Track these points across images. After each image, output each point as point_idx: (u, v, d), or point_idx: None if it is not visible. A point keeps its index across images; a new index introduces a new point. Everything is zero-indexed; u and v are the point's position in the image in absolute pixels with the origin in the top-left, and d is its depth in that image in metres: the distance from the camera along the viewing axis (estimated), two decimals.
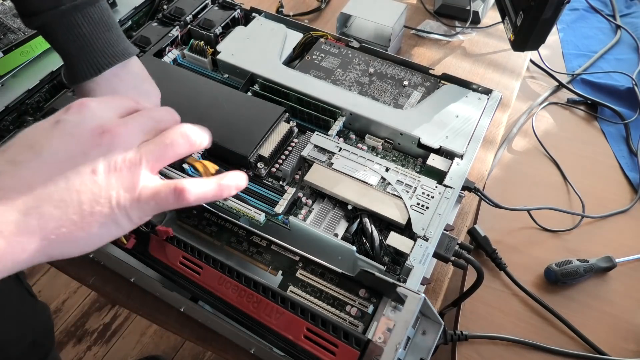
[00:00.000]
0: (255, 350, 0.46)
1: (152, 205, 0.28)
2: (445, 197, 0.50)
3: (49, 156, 0.25)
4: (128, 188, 0.27)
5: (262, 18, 0.72)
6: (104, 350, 1.23)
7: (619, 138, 0.80)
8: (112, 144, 0.27)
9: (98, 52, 0.44)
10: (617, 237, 0.68)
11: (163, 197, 0.28)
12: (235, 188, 0.32)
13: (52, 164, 0.25)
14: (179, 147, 0.29)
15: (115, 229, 0.28)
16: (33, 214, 0.24)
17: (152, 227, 0.47)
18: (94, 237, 0.27)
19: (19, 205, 0.24)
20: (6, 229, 0.23)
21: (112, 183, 0.26)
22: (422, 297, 0.39)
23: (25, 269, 0.26)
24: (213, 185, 0.31)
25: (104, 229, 0.27)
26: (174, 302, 0.49)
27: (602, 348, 0.58)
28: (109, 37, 0.44)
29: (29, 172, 0.25)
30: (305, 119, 0.60)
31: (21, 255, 0.24)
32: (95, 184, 0.26)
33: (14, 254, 0.24)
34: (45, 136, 0.26)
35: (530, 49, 0.66)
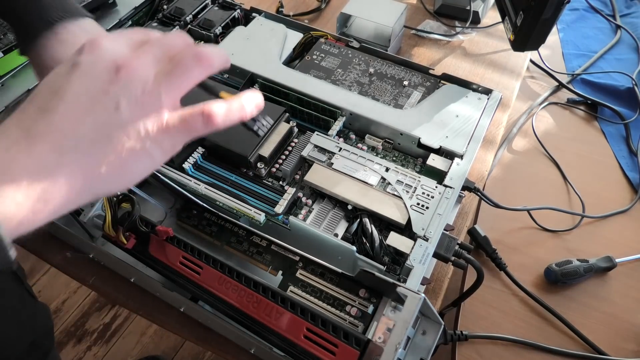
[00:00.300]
0: (255, 350, 0.46)
1: (181, 132, 0.29)
2: (445, 197, 0.50)
3: (73, 100, 0.26)
4: (154, 119, 0.27)
5: (262, 18, 0.72)
6: (104, 350, 1.23)
7: (619, 138, 0.80)
8: (129, 79, 0.27)
9: (50, 6, 0.41)
10: (617, 237, 0.68)
11: (191, 122, 0.29)
12: (256, 106, 0.32)
13: (78, 106, 0.26)
14: (194, 70, 0.29)
15: (150, 161, 0.28)
16: (71, 155, 0.25)
17: (152, 227, 0.47)
18: (131, 172, 0.28)
19: (56, 149, 0.25)
20: (49, 171, 0.25)
21: (138, 117, 0.27)
22: (422, 297, 0.39)
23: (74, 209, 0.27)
24: (237, 105, 0.31)
25: (140, 163, 0.28)
26: (174, 302, 0.50)
27: (602, 348, 0.58)
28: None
29: (58, 117, 0.26)
30: (305, 119, 0.61)
31: (68, 195, 0.26)
32: (122, 120, 0.26)
33: (61, 194, 0.25)
34: (66, 80, 0.27)
35: (530, 49, 0.66)
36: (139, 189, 0.54)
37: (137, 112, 0.27)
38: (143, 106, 0.27)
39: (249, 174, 0.56)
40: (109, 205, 0.46)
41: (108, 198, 0.46)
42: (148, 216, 0.50)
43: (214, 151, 0.56)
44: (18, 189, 0.24)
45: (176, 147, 0.29)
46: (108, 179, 0.27)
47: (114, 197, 0.47)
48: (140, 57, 0.28)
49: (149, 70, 0.28)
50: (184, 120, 0.28)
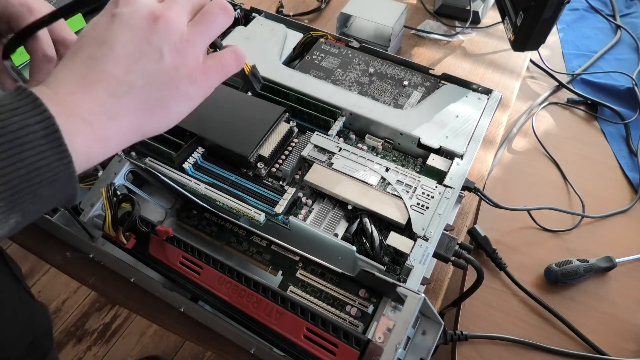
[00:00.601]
0: (255, 350, 0.46)
1: (218, 72, 0.33)
2: (445, 197, 0.50)
3: (121, 49, 0.29)
4: (193, 63, 0.31)
5: (262, 18, 0.72)
6: (104, 350, 1.23)
7: (619, 138, 0.80)
8: (167, 29, 0.30)
9: None
10: (617, 237, 0.68)
11: (225, 62, 0.33)
12: None
13: (126, 55, 0.29)
14: (220, 19, 0.33)
15: (190, 103, 0.32)
16: (125, 99, 0.29)
17: (152, 227, 0.47)
18: (174, 113, 0.31)
19: (112, 94, 0.28)
20: (110, 114, 0.28)
21: (179, 62, 0.30)
22: (422, 297, 0.39)
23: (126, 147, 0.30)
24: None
25: (182, 105, 0.31)
26: (174, 302, 0.50)
27: (602, 348, 0.58)
28: None
29: (111, 66, 0.28)
30: (305, 119, 0.61)
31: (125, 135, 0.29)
32: (165, 66, 0.30)
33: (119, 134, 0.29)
34: (111, 31, 0.29)
35: (530, 49, 0.66)
36: (139, 189, 0.54)
37: (177, 58, 0.30)
38: (182, 52, 0.30)
39: (249, 174, 0.56)
40: (109, 205, 0.46)
41: (108, 198, 0.46)
42: (148, 216, 0.50)
43: (214, 151, 0.56)
44: (86, 129, 0.27)
45: (212, 87, 0.33)
46: (155, 120, 0.30)
47: (114, 197, 0.47)
48: (173, 8, 0.30)
49: (183, 20, 0.31)
50: (220, 61, 0.33)
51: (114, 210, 0.46)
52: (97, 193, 0.50)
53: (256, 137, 0.55)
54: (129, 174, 0.52)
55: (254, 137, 0.55)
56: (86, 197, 0.51)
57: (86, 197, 0.51)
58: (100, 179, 0.51)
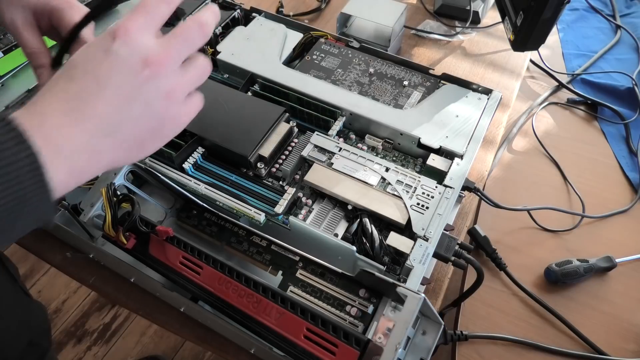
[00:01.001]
0: (255, 350, 0.46)
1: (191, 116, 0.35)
2: (445, 197, 0.50)
3: (112, 90, 0.30)
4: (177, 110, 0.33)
5: (262, 18, 0.72)
6: (104, 350, 1.23)
7: (619, 138, 0.80)
8: (160, 78, 0.31)
9: None
10: (617, 237, 0.68)
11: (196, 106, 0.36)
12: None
13: (117, 97, 0.30)
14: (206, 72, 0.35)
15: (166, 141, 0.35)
16: (109, 139, 0.30)
17: (152, 227, 0.47)
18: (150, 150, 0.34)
19: (99, 132, 0.29)
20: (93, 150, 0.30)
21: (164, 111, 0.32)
22: (422, 297, 0.39)
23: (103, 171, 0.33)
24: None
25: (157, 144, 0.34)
26: (174, 302, 0.50)
27: (602, 348, 0.58)
28: None
29: (101, 105, 0.29)
30: (305, 119, 0.61)
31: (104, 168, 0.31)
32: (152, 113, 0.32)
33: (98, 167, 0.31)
34: (105, 69, 0.30)
35: (530, 49, 0.66)
36: (139, 189, 0.54)
37: (164, 106, 0.32)
38: (169, 100, 0.32)
39: (249, 174, 0.56)
40: (109, 205, 0.46)
41: (108, 198, 0.46)
42: (148, 216, 0.50)
43: (214, 151, 0.56)
44: (67, 165, 0.28)
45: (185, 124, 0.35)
46: (132, 156, 0.33)
47: (114, 197, 0.47)
48: (168, 54, 0.31)
49: (175, 65, 0.32)
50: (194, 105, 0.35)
51: (114, 210, 0.46)
52: (97, 193, 0.50)
53: (256, 137, 0.55)
54: (129, 173, 0.52)
55: (254, 137, 0.55)
56: (86, 197, 0.51)
57: (86, 197, 0.51)
58: (101, 179, 0.51)
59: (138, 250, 0.48)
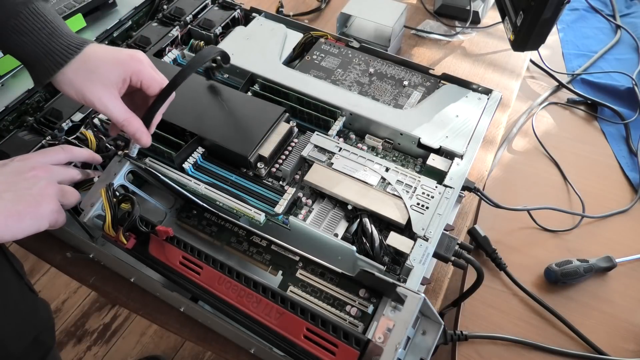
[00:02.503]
0: (255, 350, 0.46)
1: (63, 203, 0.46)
2: (445, 197, 0.50)
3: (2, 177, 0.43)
4: (52, 209, 0.44)
5: (262, 18, 0.72)
6: (104, 350, 1.23)
7: (619, 138, 0.80)
8: (35, 177, 0.44)
9: (68, 35, 0.45)
10: (617, 237, 0.68)
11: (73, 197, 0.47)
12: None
13: (3, 184, 0.42)
14: (72, 180, 0.49)
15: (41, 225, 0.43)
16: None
17: (152, 227, 0.47)
18: (19, 234, 0.42)
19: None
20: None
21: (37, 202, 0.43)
22: (422, 297, 0.39)
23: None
24: None
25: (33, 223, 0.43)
26: (174, 302, 0.50)
27: (602, 348, 0.58)
28: (69, 29, 0.47)
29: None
30: (305, 119, 0.60)
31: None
32: (30, 198, 0.43)
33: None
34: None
35: (530, 49, 0.66)
36: (139, 189, 0.54)
37: (32, 201, 0.42)
38: (39, 198, 0.43)
39: (249, 174, 0.56)
40: (109, 206, 0.46)
41: (108, 198, 0.46)
42: (148, 216, 0.50)
43: (214, 151, 0.56)
44: None
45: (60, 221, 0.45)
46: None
47: (113, 198, 0.47)
48: (47, 173, 0.45)
49: (50, 179, 0.45)
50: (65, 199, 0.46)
51: (114, 210, 0.46)
52: (96, 193, 0.50)
53: (256, 137, 0.55)
54: (129, 174, 0.52)
55: (254, 137, 0.55)
56: (86, 197, 0.51)
57: (86, 197, 0.51)
58: (100, 179, 0.51)
59: (138, 250, 0.48)
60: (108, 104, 0.46)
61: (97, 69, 0.45)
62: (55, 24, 0.45)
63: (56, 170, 0.46)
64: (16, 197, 0.42)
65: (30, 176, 0.43)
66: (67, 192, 0.46)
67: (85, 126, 0.60)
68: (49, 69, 0.45)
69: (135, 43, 0.69)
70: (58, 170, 0.46)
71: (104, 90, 0.45)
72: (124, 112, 0.46)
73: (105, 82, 0.45)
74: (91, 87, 0.45)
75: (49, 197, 0.44)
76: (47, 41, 0.44)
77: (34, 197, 0.43)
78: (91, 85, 0.45)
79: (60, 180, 0.47)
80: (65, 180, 0.48)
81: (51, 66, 0.44)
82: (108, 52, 0.46)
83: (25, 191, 0.42)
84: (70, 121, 0.60)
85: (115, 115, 0.46)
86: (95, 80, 0.45)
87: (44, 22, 0.44)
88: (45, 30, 0.44)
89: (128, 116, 0.47)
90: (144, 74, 0.47)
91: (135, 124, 0.47)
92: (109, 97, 0.46)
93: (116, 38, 0.72)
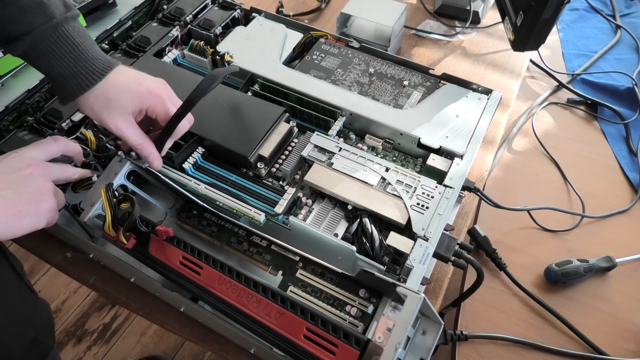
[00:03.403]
0: (255, 350, 0.46)
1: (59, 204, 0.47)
2: (445, 197, 0.50)
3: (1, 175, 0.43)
4: (50, 207, 0.44)
5: (262, 18, 0.72)
6: (104, 350, 1.23)
7: (619, 138, 0.80)
8: (32, 175, 0.44)
9: (94, 59, 0.47)
10: (617, 237, 0.68)
11: (61, 201, 0.47)
12: None
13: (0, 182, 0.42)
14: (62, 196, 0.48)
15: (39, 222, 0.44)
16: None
17: (152, 227, 0.47)
18: (18, 231, 0.42)
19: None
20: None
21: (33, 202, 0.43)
22: (422, 297, 0.39)
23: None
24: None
25: (33, 221, 0.43)
26: (174, 302, 0.49)
27: (602, 348, 0.58)
28: (97, 48, 0.49)
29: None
30: (305, 119, 0.60)
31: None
32: (29, 196, 0.43)
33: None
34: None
35: (530, 49, 0.66)
36: (139, 189, 0.54)
37: (31, 199, 0.43)
38: (38, 196, 0.43)
39: (249, 174, 0.56)
40: (109, 206, 0.46)
41: (108, 198, 0.46)
42: (148, 216, 0.50)
43: (214, 151, 0.56)
44: None
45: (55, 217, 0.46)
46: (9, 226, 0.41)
47: (113, 198, 0.47)
48: (44, 170, 0.45)
49: (46, 176, 0.45)
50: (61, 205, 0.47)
51: (114, 210, 0.46)
52: (96, 193, 0.50)
53: (256, 137, 0.55)
54: (129, 174, 0.52)
55: (254, 137, 0.55)
56: (86, 197, 0.51)
57: (86, 197, 0.51)
58: (100, 179, 0.51)
59: (138, 250, 0.48)
60: (124, 130, 0.48)
61: (117, 99, 0.47)
62: (83, 47, 0.46)
63: (52, 168, 0.47)
64: (15, 195, 0.42)
65: (27, 174, 0.44)
66: (58, 191, 0.47)
67: (85, 126, 0.60)
68: (72, 92, 0.47)
69: (135, 43, 0.69)
70: (54, 168, 0.47)
71: (121, 118, 0.48)
72: (138, 137, 0.49)
73: (122, 111, 0.48)
74: (109, 114, 0.47)
75: (47, 195, 0.44)
76: (74, 65, 0.46)
77: (33, 195, 0.43)
78: (109, 112, 0.47)
79: (57, 178, 0.47)
80: (61, 179, 0.48)
81: (75, 90, 0.46)
82: (130, 83, 0.48)
83: (23, 189, 0.43)
84: (70, 121, 0.60)
85: (130, 140, 0.49)
86: (114, 108, 0.47)
87: (72, 46, 0.46)
88: (73, 54, 0.46)
89: (142, 141, 0.49)
90: (159, 109, 0.49)
91: (148, 149, 0.49)
92: (125, 124, 0.48)
93: (116, 38, 0.72)
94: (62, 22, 0.45)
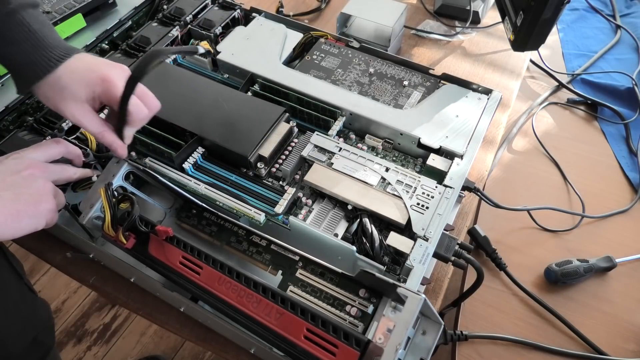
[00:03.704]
0: (255, 350, 0.46)
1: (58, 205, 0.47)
2: (445, 197, 0.50)
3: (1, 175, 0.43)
4: (50, 208, 0.44)
5: (262, 18, 0.72)
6: (104, 350, 1.23)
7: (619, 138, 0.80)
8: (32, 176, 0.44)
9: (53, 47, 0.46)
10: (617, 237, 0.68)
11: (61, 202, 0.47)
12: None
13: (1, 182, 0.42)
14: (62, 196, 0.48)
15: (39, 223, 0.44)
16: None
17: (152, 227, 0.47)
18: (19, 232, 0.42)
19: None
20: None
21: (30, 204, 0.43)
22: (422, 298, 0.39)
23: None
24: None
25: (30, 228, 0.43)
26: (174, 302, 0.49)
27: (602, 348, 0.58)
28: (57, 36, 0.47)
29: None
30: (305, 119, 0.60)
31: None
32: (28, 197, 0.43)
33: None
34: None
35: (530, 49, 0.66)
36: (138, 189, 0.54)
37: (30, 200, 0.43)
38: (37, 197, 0.43)
39: (249, 174, 0.56)
40: (108, 206, 0.46)
41: (107, 198, 0.46)
42: (148, 216, 0.50)
43: (214, 151, 0.56)
44: None
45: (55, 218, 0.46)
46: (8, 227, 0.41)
47: (113, 197, 0.47)
48: (44, 171, 0.45)
49: (45, 177, 0.45)
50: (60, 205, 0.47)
51: (113, 210, 0.46)
52: (95, 194, 0.50)
53: (256, 137, 0.55)
54: (128, 175, 0.52)
55: (254, 137, 0.55)
56: (86, 198, 0.51)
57: (86, 198, 0.51)
58: (99, 180, 0.51)
59: (138, 250, 0.48)
60: (81, 119, 0.47)
61: (68, 87, 0.46)
62: (40, 34, 0.45)
63: (52, 169, 0.47)
64: (15, 196, 0.42)
65: (27, 175, 0.44)
66: (58, 191, 0.47)
67: None
68: (28, 80, 0.46)
69: (135, 43, 0.69)
70: (54, 169, 0.47)
71: (77, 106, 0.47)
72: (97, 126, 0.48)
73: (76, 99, 0.46)
74: (64, 103, 0.46)
75: (47, 196, 0.44)
76: (32, 52, 0.45)
77: (33, 196, 0.43)
78: (63, 101, 0.46)
79: (57, 179, 0.47)
80: (61, 179, 0.48)
81: (30, 78, 0.45)
82: (82, 70, 0.47)
83: (23, 190, 0.43)
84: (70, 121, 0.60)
85: (89, 129, 0.48)
86: (67, 96, 0.46)
87: (28, 33, 0.44)
88: (30, 41, 0.45)
89: (102, 130, 0.48)
90: (110, 95, 0.47)
91: (109, 137, 0.48)
92: (81, 113, 0.47)
93: (116, 38, 0.72)
94: (18, 8, 0.44)
